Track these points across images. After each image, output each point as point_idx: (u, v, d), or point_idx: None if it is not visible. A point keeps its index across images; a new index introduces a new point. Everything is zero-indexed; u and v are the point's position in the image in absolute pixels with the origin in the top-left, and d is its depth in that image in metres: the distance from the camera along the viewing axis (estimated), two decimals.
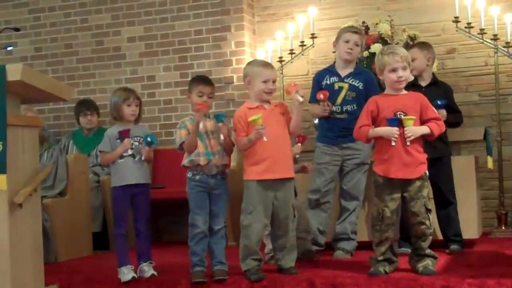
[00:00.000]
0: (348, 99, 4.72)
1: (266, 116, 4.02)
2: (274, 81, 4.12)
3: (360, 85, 4.74)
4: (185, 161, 4.11)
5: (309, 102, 4.87)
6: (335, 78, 4.77)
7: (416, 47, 4.87)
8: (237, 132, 4.09)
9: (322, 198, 4.76)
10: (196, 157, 4.06)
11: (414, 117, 3.81)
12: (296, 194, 4.33)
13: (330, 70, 4.82)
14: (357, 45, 4.75)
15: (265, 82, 4.07)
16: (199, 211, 4.07)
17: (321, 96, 4.61)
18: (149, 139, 4.23)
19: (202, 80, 4.25)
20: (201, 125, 4.03)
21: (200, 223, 4.05)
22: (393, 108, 3.83)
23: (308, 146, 5.14)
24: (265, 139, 3.94)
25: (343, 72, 4.78)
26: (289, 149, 4.18)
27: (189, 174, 4.12)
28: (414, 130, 3.81)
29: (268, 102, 4.13)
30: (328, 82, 4.76)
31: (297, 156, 4.58)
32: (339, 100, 4.73)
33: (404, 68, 3.85)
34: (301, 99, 4.04)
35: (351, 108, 4.71)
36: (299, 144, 4.61)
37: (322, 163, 4.77)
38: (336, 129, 4.72)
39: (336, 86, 4.76)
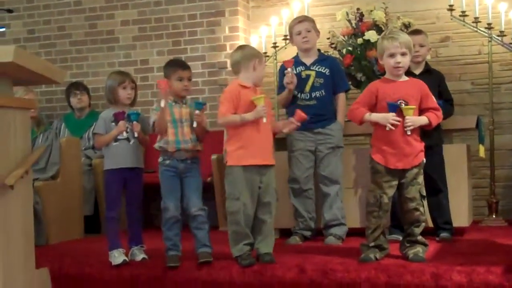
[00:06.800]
0: (316, 86, 4.79)
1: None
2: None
3: (326, 71, 4.81)
4: (156, 145, 4.13)
5: (277, 94, 4.91)
6: (301, 67, 4.83)
7: (423, 34, 4.84)
8: (225, 106, 3.98)
9: (304, 185, 4.79)
10: (165, 145, 4.07)
11: (414, 106, 3.80)
12: None
13: (295, 61, 4.80)
14: (309, 31, 4.81)
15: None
16: (170, 195, 4.08)
17: (288, 69, 4.65)
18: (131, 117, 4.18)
19: (179, 64, 4.22)
20: (176, 110, 4.01)
21: (171, 207, 4.06)
22: (394, 96, 3.80)
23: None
24: (265, 120, 3.94)
25: (307, 61, 4.85)
26: (271, 137, 4.15)
27: (160, 159, 4.13)
28: (414, 120, 3.79)
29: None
30: (295, 72, 4.76)
31: None
32: (308, 88, 4.79)
33: (403, 54, 3.81)
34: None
35: (320, 94, 4.78)
36: None
37: (297, 149, 4.79)
38: (307, 116, 4.72)
39: (304, 75, 4.81)
